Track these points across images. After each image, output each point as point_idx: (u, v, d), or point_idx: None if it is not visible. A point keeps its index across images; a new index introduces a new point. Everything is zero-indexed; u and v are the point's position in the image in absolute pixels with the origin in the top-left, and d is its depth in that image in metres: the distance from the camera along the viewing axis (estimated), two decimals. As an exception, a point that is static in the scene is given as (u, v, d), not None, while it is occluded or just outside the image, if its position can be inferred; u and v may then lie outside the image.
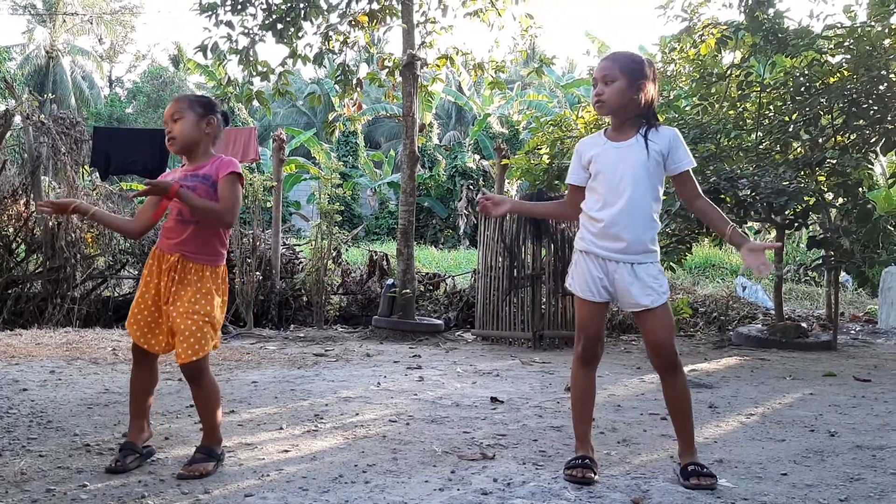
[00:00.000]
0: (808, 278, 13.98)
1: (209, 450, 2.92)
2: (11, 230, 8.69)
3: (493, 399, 4.51)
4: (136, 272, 9.34)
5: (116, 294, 9.39)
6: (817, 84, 7.42)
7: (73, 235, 8.50)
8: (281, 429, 3.65)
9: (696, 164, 2.98)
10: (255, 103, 8.86)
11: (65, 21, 38.30)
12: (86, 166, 9.39)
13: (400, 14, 8.54)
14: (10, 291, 8.36)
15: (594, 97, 2.93)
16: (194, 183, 2.94)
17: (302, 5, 8.11)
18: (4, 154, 9.02)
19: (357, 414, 4.04)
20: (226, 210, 2.92)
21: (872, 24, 7.34)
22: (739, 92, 7.91)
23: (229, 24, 8.15)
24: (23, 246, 8.83)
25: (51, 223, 8.41)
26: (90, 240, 8.94)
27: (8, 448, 3.15)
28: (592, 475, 2.83)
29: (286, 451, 3.24)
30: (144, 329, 2.95)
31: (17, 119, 9.03)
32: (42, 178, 8.87)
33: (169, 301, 2.92)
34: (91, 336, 7.08)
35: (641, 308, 2.87)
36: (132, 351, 3.04)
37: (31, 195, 8.61)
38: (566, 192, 3.13)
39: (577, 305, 3.01)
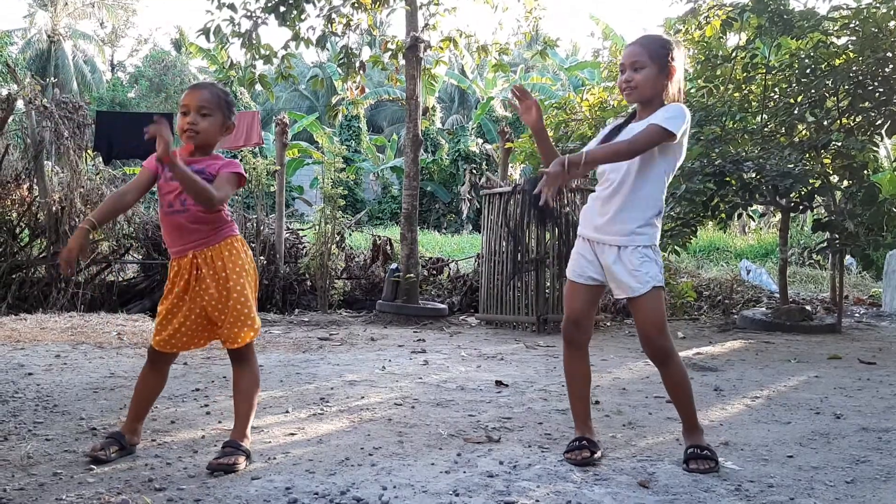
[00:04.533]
0: (812, 261, 13.97)
1: (236, 444, 2.77)
2: (15, 215, 8.69)
3: (498, 382, 4.51)
4: (140, 256, 9.36)
5: (121, 278, 9.41)
6: (823, 66, 7.37)
7: (76, 220, 8.50)
8: (287, 412, 3.66)
9: (663, 127, 2.67)
10: (258, 87, 8.81)
11: (66, 5, 38.16)
12: (89, 150, 9.37)
13: (403, -4, 8.48)
14: (14, 276, 8.37)
15: (623, 83, 2.80)
16: None
17: (305, -13, 8.06)
18: (7, 139, 9.01)
19: (362, 397, 4.05)
20: (219, 195, 2.74)
21: (878, 5, 7.28)
22: (745, 74, 7.86)
23: (232, 7, 8.10)
24: (27, 230, 8.84)
25: (54, 208, 8.41)
26: (94, 224, 8.93)
27: (14, 432, 3.16)
28: (590, 455, 2.83)
29: (292, 434, 3.24)
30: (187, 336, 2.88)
31: (20, 104, 9.01)
32: (45, 162, 8.86)
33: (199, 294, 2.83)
34: (96, 320, 7.08)
35: (624, 296, 2.84)
36: (149, 353, 2.94)
37: (35, 180, 8.61)
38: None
39: (566, 285, 2.99)
